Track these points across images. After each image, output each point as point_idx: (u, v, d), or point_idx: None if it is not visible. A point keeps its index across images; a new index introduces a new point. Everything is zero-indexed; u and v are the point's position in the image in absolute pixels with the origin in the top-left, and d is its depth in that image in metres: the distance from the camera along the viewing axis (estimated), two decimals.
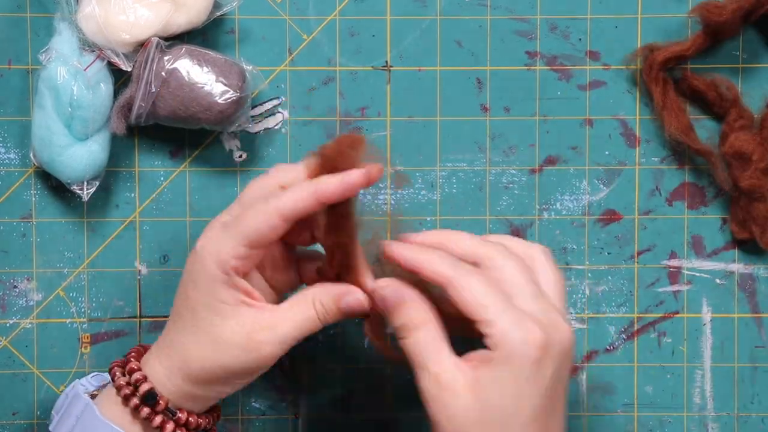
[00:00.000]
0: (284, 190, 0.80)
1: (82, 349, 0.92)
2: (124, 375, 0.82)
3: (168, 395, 0.81)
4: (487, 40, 0.93)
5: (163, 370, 0.81)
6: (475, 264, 0.79)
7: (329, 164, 0.79)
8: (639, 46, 0.92)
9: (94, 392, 0.85)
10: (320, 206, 0.79)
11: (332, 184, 0.78)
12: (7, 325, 0.92)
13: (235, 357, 0.79)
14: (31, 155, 0.90)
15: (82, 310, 0.93)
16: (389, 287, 0.80)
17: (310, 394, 0.94)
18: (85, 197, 0.89)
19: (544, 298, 0.78)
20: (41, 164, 0.89)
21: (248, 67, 0.89)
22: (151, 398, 0.80)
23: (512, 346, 0.75)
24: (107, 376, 0.86)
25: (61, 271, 0.92)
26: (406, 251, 0.80)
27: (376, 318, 0.82)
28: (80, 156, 0.87)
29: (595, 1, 0.92)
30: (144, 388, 0.80)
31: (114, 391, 0.82)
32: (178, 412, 0.81)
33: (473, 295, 0.76)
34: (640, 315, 0.94)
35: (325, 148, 0.80)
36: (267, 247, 0.80)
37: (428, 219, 0.93)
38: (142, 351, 0.84)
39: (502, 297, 0.77)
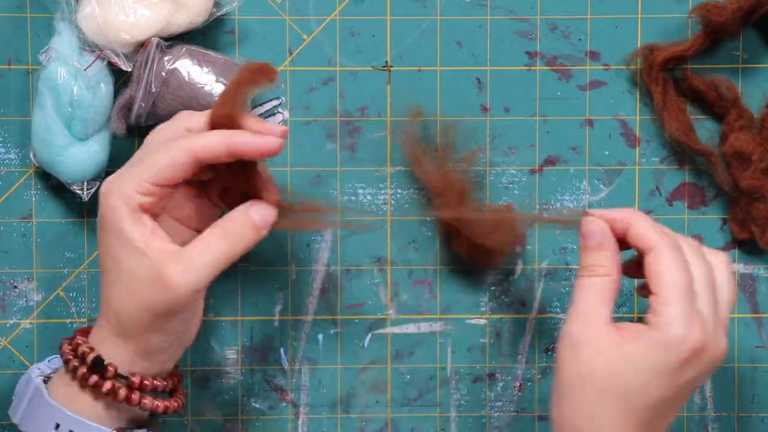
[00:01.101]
0: (196, 133, 0.80)
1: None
2: (70, 346, 0.82)
3: (117, 362, 0.80)
4: (487, 40, 0.93)
5: (106, 334, 0.80)
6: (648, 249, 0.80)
7: (228, 101, 0.80)
8: (639, 46, 0.92)
9: (49, 374, 0.84)
10: (229, 157, 0.79)
11: (247, 142, 0.79)
12: (7, 325, 0.92)
13: (151, 294, 0.78)
14: (31, 155, 0.90)
15: (82, 310, 0.93)
16: (597, 224, 0.81)
17: (310, 394, 0.94)
18: (85, 197, 0.89)
19: (718, 308, 0.79)
20: (41, 164, 0.89)
21: None
22: (98, 364, 0.80)
23: (670, 336, 0.77)
24: None
25: (61, 272, 0.92)
26: (613, 212, 0.81)
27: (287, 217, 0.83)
28: (80, 156, 0.87)
29: (595, 1, 0.92)
30: (90, 356, 0.80)
31: (64, 370, 0.82)
32: (130, 376, 0.80)
33: (668, 270, 0.78)
34: (641, 315, 0.94)
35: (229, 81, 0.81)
36: (172, 185, 0.79)
37: (428, 219, 0.93)
38: (89, 330, 0.83)
39: (689, 287, 0.78)
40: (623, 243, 0.81)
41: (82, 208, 0.92)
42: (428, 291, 0.93)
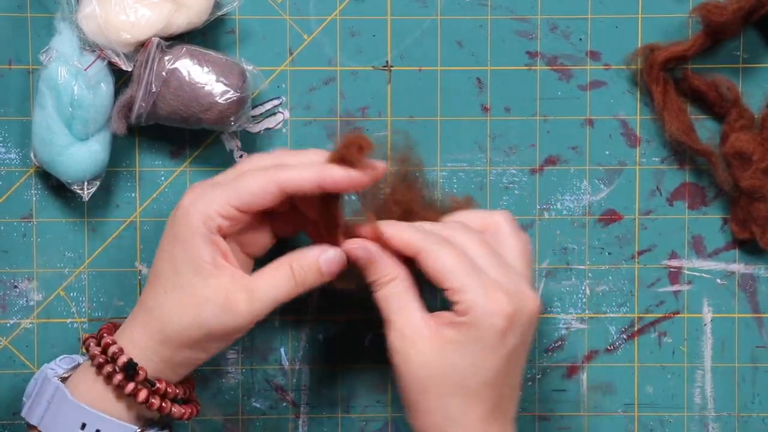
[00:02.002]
0: (286, 165, 0.81)
1: (83, 349, 0.92)
2: (98, 346, 0.82)
3: (146, 365, 0.81)
4: (488, 40, 0.93)
5: (139, 337, 0.81)
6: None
7: (337, 160, 0.81)
8: (639, 46, 0.92)
9: (65, 375, 0.84)
10: (318, 190, 0.80)
11: (339, 174, 0.80)
12: (8, 325, 0.92)
13: (214, 316, 0.80)
14: (32, 155, 0.90)
15: (83, 310, 0.93)
16: (360, 246, 0.82)
17: (311, 394, 0.94)
18: (86, 197, 0.89)
19: (509, 267, 0.81)
20: (42, 164, 0.89)
21: (249, 67, 0.89)
22: (130, 368, 0.80)
23: (480, 316, 0.78)
24: (77, 358, 0.86)
25: (62, 271, 0.92)
26: (376, 226, 0.82)
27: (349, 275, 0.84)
28: (81, 156, 0.87)
29: (596, 1, 0.92)
30: (123, 359, 0.80)
31: (86, 371, 0.82)
32: (156, 382, 0.81)
33: (443, 263, 0.79)
34: (641, 315, 0.94)
35: (336, 146, 0.82)
36: (254, 212, 0.81)
37: None
38: (113, 327, 0.84)
39: (471, 267, 0.79)
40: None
41: (83, 208, 0.92)
42: (428, 291, 0.93)
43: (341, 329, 0.93)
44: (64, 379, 0.83)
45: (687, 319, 0.94)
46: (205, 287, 0.80)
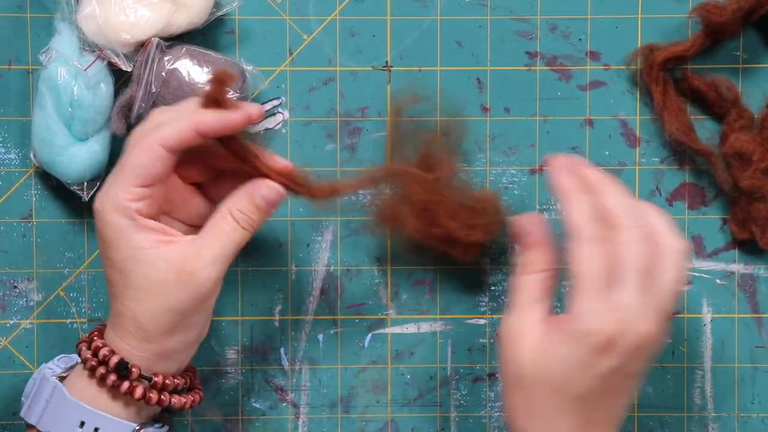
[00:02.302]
0: (163, 124, 0.80)
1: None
2: (89, 349, 0.82)
3: (139, 362, 0.81)
4: (487, 40, 0.93)
5: (121, 340, 0.81)
6: (611, 225, 0.79)
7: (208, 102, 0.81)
8: (639, 46, 0.92)
9: (62, 374, 0.84)
10: (200, 138, 0.80)
11: (210, 118, 0.80)
12: (8, 325, 0.92)
13: (176, 295, 0.79)
14: (32, 155, 0.90)
15: (83, 310, 0.93)
16: (532, 222, 0.82)
17: (310, 394, 0.94)
18: (85, 197, 0.89)
19: (647, 294, 0.78)
20: (41, 164, 0.89)
21: (248, 68, 0.89)
22: (122, 368, 0.80)
23: (580, 329, 0.77)
24: (74, 357, 0.86)
25: (62, 272, 0.92)
26: (567, 181, 0.81)
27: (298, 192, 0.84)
28: (80, 156, 0.87)
29: (595, 1, 0.92)
30: (114, 360, 0.80)
31: (80, 370, 0.82)
32: (153, 377, 0.81)
33: (583, 263, 0.78)
34: None
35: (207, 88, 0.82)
36: (160, 181, 0.80)
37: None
38: (104, 328, 0.84)
39: (605, 278, 0.78)
40: None
41: (82, 208, 0.92)
42: (428, 291, 0.93)
43: (341, 329, 0.93)
44: (61, 378, 0.83)
45: (686, 320, 0.94)
46: (155, 272, 0.79)
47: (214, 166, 0.84)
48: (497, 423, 0.94)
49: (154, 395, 0.81)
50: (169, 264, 0.79)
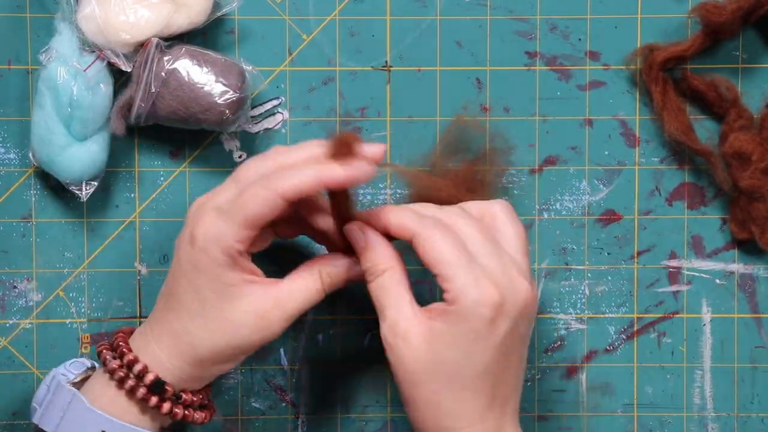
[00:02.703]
0: (283, 171, 0.80)
1: (82, 349, 0.92)
2: (115, 358, 0.82)
3: (172, 381, 0.81)
4: (487, 40, 0.93)
5: (166, 357, 0.81)
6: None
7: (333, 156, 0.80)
8: (639, 46, 0.92)
9: (75, 380, 0.84)
10: (322, 189, 0.80)
11: (338, 170, 0.79)
12: (7, 325, 0.92)
13: (247, 337, 0.80)
14: (31, 155, 0.90)
15: (82, 310, 0.93)
16: (357, 230, 0.82)
17: (310, 394, 0.94)
18: (84, 197, 0.89)
19: (504, 256, 0.80)
20: (41, 164, 0.89)
21: (248, 68, 0.89)
22: (158, 387, 0.81)
23: (467, 305, 0.77)
24: (86, 362, 0.86)
25: (61, 272, 0.92)
26: (374, 211, 0.82)
27: None
28: (80, 156, 0.87)
29: (595, 1, 0.92)
30: (149, 377, 0.80)
31: (102, 380, 0.82)
32: (183, 395, 0.82)
33: (435, 249, 0.79)
34: (640, 315, 0.94)
35: (331, 142, 0.81)
36: (266, 225, 0.81)
37: None
38: (126, 336, 0.84)
39: (464, 254, 0.79)
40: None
41: (82, 208, 0.92)
42: (428, 291, 0.93)
43: (341, 329, 0.93)
44: (75, 384, 0.83)
45: (686, 320, 0.94)
46: (235, 311, 0.80)
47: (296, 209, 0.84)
48: None
49: (179, 410, 0.82)
50: (252, 308, 0.80)
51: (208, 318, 0.80)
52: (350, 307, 0.93)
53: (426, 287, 0.93)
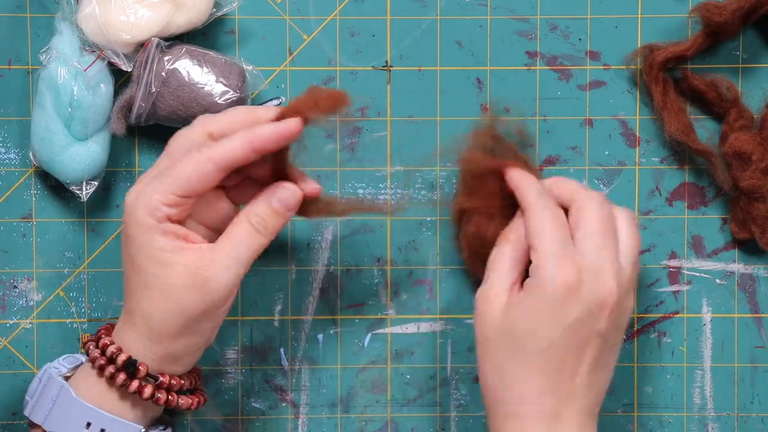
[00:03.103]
0: (215, 139, 0.80)
1: (82, 349, 0.92)
2: (97, 348, 0.82)
3: (146, 361, 0.81)
4: (487, 40, 0.93)
5: (130, 338, 0.81)
6: (569, 205, 0.84)
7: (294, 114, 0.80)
8: (639, 46, 0.92)
9: (67, 374, 0.84)
10: (255, 154, 0.79)
11: (266, 132, 0.79)
12: (7, 325, 0.92)
13: (188, 299, 0.80)
14: (31, 155, 0.90)
15: (82, 310, 0.93)
16: (522, 175, 0.85)
17: (310, 394, 0.94)
18: (84, 197, 0.89)
19: (605, 252, 0.81)
20: (41, 164, 0.89)
21: (248, 68, 0.89)
22: (130, 366, 0.80)
23: (543, 278, 0.80)
24: (79, 357, 0.86)
25: (61, 272, 0.92)
26: (514, 172, 0.86)
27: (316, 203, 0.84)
28: (80, 156, 0.87)
29: (595, 1, 0.92)
30: (122, 357, 0.80)
31: (88, 371, 0.82)
32: (159, 376, 0.81)
33: (538, 222, 0.82)
34: (640, 315, 0.94)
35: (297, 100, 0.81)
36: (199, 195, 0.80)
37: (428, 219, 0.93)
38: (111, 328, 0.84)
39: (561, 234, 0.82)
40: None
41: (82, 208, 0.92)
42: (428, 291, 0.93)
43: (341, 329, 0.93)
44: (67, 378, 0.84)
45: (686, 319, 0.94)
46: (170, 274, 0.79)
47: (243, 171, 0.83)
48: None
49: (162, 395, 0.81)
50: (185, 268, 0.79)
51: (150, 288, 0.80)
52: (350, 307, 0.93)
53: (426, 287, 0.93)
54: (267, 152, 0.80)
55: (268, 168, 0.83)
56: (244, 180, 0.84)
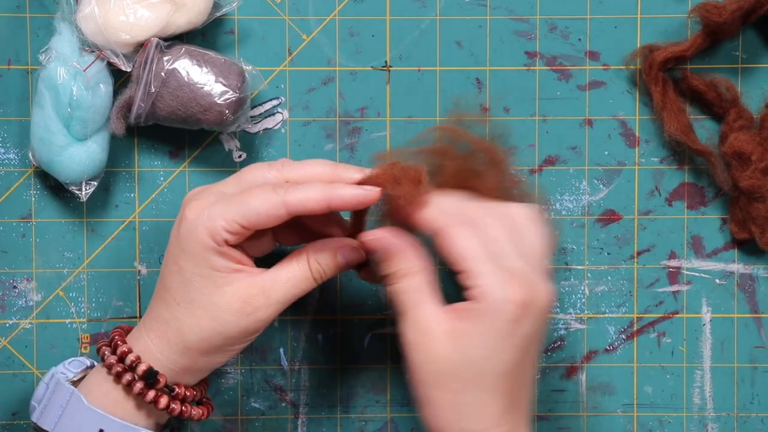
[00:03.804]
0: (293, 185, 0.80)
1: (82, 349, 0.92)
2: (114, 354, 0.82)
3: (165, 372, 0.81)
4: (487, 40, 0.93)
5: (155, 347, 0.81)
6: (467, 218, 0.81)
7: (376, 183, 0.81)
8: (639, 46, 0.92)
9: (74, 379, 0.84)
10: (327, 210, 0.80)
11: (347, 195, 0.79)
12: (7, 325, 0.92)
13: (233, 323, 0.80)
14: (30, 155, 0.90)
15: (82, 310, 0.93)
16: (381, 238, 0.81)
17: (310, 394, 0.94)
18: (84, 198, 0.89)
19: (526, 256, 0.79)
20: (40, 164, 0.89)
21: (248, 68, 0.89)
22: (150, 377, 0.81)
23: (494, 302, 0.77)
24: (85, 361, 0.86)
25: (61, 272, 0.92)
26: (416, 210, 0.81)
27: (371, 265, 0.84)
28: (79, 156, 0.87)
29: (595, 1, 0.92)
30: (142, 367, 0.81)
31: (100, 377, 0.82)
32: (176, 387, 0.82)
33: (462, 245, 0.78)
34: (640, 315, 0.94)
35: (381, 171, 0.81)
36: (260, 229, 0.81)
37: None
38: (123, 332, 0.84)
39: (488, 252, 0.78)
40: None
41: (82, 209, 0.92)
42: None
43: (341, 329, 0.94)
44: (74, 383, 0.84)
45: (686, 320, 0.94)
46: (221, 296, 0.80)
47: (301, 216, 0.83)
48: None
49: (176, 406, 0.82)
50: (236, 293, 0.80)
51: (195, 304, 0.80)
52: (350, 307, 0.93)
53: None
54: (338, 211, 0.81)
55: (321, 220, 0.84)
56: (295, 223, 0.84)
